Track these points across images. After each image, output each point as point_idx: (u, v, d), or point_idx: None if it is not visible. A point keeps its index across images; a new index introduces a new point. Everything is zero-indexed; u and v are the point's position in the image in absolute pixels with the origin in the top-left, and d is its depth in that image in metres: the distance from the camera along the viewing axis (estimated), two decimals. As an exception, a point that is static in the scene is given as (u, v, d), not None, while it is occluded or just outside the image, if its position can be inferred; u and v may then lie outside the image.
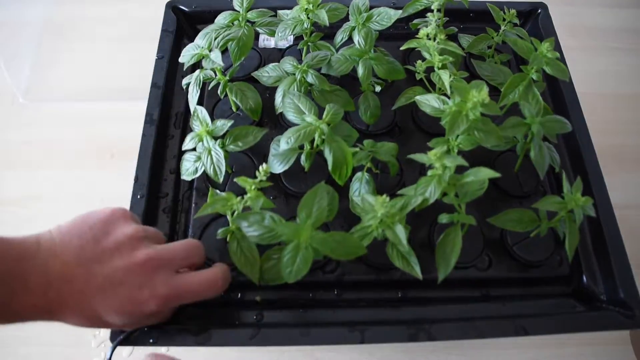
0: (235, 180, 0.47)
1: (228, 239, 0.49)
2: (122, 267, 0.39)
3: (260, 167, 0.46)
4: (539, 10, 0.69)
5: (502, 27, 0.59)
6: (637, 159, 0.79)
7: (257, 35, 0.64)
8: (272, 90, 0.57)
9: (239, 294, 0.50)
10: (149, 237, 0.43)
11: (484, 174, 0.44)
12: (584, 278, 0.53)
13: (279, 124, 0.60)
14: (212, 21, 0.56)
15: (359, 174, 0.52)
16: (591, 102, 0.67)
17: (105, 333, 0.62)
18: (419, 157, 0.46)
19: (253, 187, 0.46)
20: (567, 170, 0.59)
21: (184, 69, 0.57)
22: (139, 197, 0.53)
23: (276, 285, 0.47)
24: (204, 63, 0.53)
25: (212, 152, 0.51)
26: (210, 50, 0.53)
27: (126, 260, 0.40)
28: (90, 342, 0.62)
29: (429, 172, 0.46)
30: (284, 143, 0.48)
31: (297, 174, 0.56)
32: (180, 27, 0.66)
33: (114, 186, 0.45)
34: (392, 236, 0.45)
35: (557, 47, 0.64)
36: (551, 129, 0.50)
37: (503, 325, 0.48)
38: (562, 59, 0.64)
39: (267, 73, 0.58)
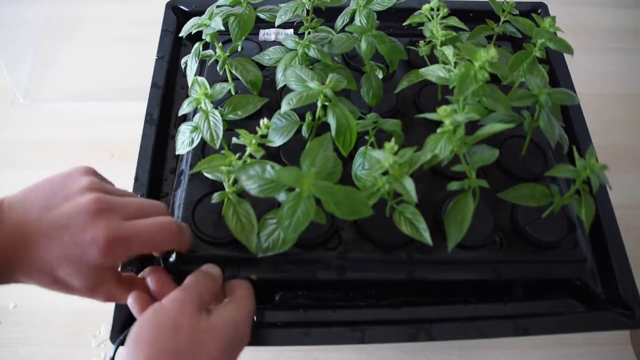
0: (235, 138, 0.45)
1: (224, 209, 0.47)
2: (67, 211, 0.39)
3: (261, 122, 0.43)
4: (539, 10, 0.69)
5: (502, 18, 0.59)
6: (637, 159, 0.79)
7: (257, 30, 0.64)
8: (272, 73, 0.56)
9: (232, 271, 0.48)
10: (108, 191, 0.42)
11: (497, 127, 0.43)
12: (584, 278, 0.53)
13: (279, 105, 0.59)
14: (212, 21, 0.56)
15: (362, 149, 0.51)
16: (591, 102, 0.67)
17: (105, 333, 0.62)
18: (428, 115, 0.45)
19: (254, 141, 0.43)
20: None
21: (184, 39, 0.56)
22: (138, 196, 0.53)
23: (274, 262, 0.45)
24: (204, 34, 0.52)
25: (210, 116, 0.49)
26: (211, 20, 0.52)
27: (72, 205, 0.39)
28: (90, 342, 0.62)
29: (438, 130, 0.44)
30: (285, 105, 0.47)
31: (298, 151, 0.54)
32: (180, 27, 0.66)
33: (114, 186, 0.45)
34: (400, 188, 0.42)
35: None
36: (559, 100, 0.50)
37: (503, 325, 0.48)
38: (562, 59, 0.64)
39: (267, 55, 0.57)
